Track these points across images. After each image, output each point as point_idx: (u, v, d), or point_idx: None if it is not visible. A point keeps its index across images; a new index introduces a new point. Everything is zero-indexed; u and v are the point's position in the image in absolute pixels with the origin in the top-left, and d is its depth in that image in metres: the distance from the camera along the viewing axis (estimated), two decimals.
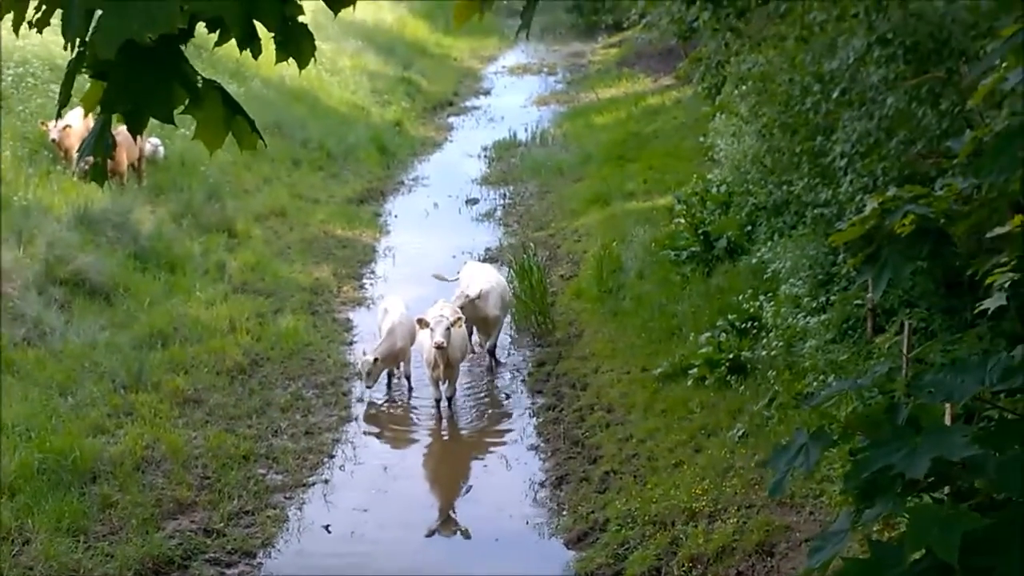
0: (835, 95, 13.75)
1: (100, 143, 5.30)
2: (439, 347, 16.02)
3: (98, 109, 5.16)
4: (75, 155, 22.29)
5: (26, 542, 12.18)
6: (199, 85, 5.13)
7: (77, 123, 22.29)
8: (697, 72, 20.03)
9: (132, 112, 5.00)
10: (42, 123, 22.32)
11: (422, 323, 16.46)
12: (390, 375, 17.86)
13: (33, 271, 18.24)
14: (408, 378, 17.83)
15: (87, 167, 21.88)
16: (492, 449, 15.84)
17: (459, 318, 16.60)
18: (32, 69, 25.04)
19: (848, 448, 5.40)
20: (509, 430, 16.34)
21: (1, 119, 22.83)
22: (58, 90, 16.47)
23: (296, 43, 5.34)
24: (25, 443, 13.90)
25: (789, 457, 5.33)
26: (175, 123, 4.96)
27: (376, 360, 17.06)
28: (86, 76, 5.11)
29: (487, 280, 18.27)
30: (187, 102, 5.10)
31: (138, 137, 20.99)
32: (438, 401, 16.81)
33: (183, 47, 5.12)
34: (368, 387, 17.21)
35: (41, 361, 16.38)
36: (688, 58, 21.20)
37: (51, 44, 25.46)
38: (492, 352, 18.44)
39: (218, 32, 5.08)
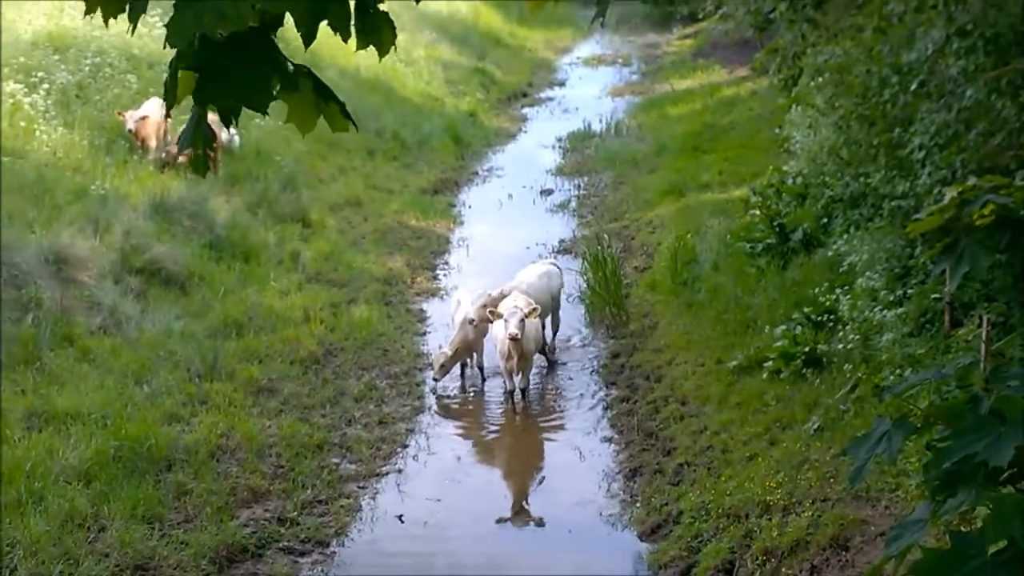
0: (913, 87, 13.59)
1: (199, 134, 5.33)
2: (514, 339, 16.00)
3: (179, 98, 5.19)
4: (152, 144, 22.55)
5: (101, 529, 12.25)
6: (291, 72, 5.15)
7: (154, 113, 22.51)
8: (773, 63, 19.82)
9: (225, 104, 5.03)
10: (119, 113, 22.52)
11: (496, 315, 16.44)
12: (463, 366, 17.85)
13: (109, 260, 18.41)
14: (481, 369, 17.82)
15: (166, 157, 22.13)
16: (565, 440, 15.79)
17: (534, 308, 16.54)
18: (109, 60, 25.28)
19: (925, 442, 5.33)
20: (582, 421, 16.27)
21: (79, 109, 23.10)
22: (134, 80, 16.65)
23: (377, 31, 5.37)
24: (101, 431, 13.98)
25: (870, 445, 5.26)
26: (269, 114, 4.97)
27: (453, 353, 17.10)
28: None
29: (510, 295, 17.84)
30: (279, 88, 5.12)
31: (216, 125, 21.28)
32: (511, 392, 16.78)
33: (273, 36, 5.15)
34: (436, 379, 17.22)
35: (117, 349, 16.52)
36: (764, 49, 21.03)
37: (127, 35, 25.65)
38: (481, 368, 18.06)
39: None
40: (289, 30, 5.20)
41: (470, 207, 27.69)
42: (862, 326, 14.28)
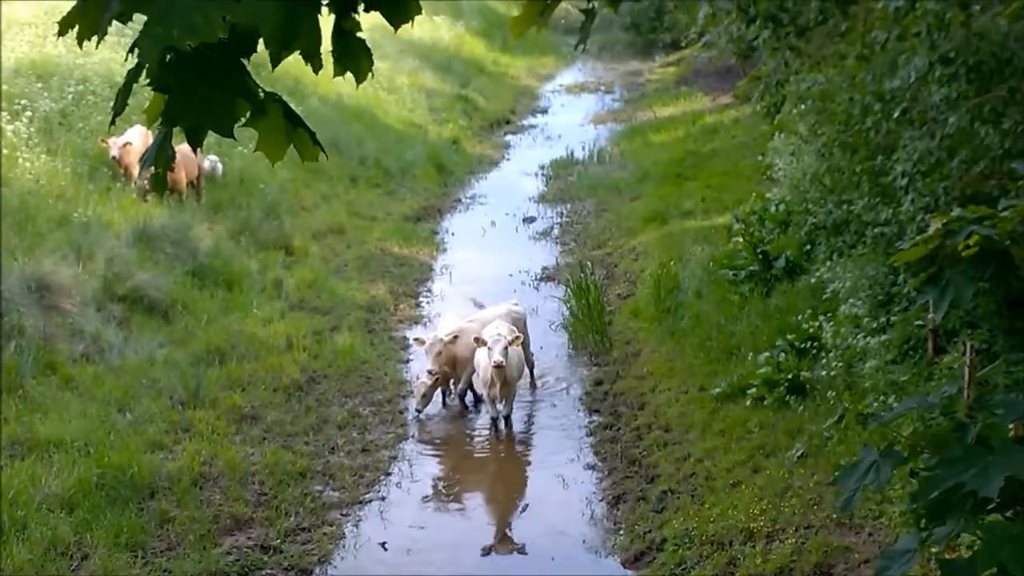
0: (896, 114, 13.66)
1: (161, 155, 5.36)
2: (498, 366, 15.98)
3: (159, 122, 5.21)
4: (135, 172, 22.52)
5: (84, 557, 12.23)
6: (261, 98, 5.17)
7: (137, 141, 22.51)
8: (756, 91, 19.91)
9: (193, 126, 5.05)
10: (102, 140, 22.51)
11: (479, 341, 16.42)
12: (444, 393, 17.83)
13: (92, 287, 18.37)
14: (462, 397, 17.78)
15: (147, 185, 22.10)
16: (549, 468, 15.73)
17: (517, 336, 16.54)
18: (92, 87, 25.27)
19: (908, 468, 5.35)
20: (566, 449, 16.23)
21: (62, 136, 23.08)
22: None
23: (354, 58, 5.40)
24: (84, 458, 13.96)
25: (859, 475, 5.29)
26: (235, 138, 4.98)
27: (435, 379, 17.06)
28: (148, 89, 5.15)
29: (467, 322, 17.94)
30: (248, 114, 5.14)
31: (198, 152, 21.19)
32: (495, 420, 16.75)
33: (246, 61, 5.17)
34: (418, 411, 17.19)
35: (100, 377, 16.49)
36: (747, 77, 21.10)
37: (111, 62, 25.72)
38: (461, 397, 17.99)
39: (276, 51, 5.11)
40: (265, 56, 5.23)
41: (453, 234, 27.69)
42: (845, 353, 14.34)
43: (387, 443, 16.40)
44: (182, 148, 19.52)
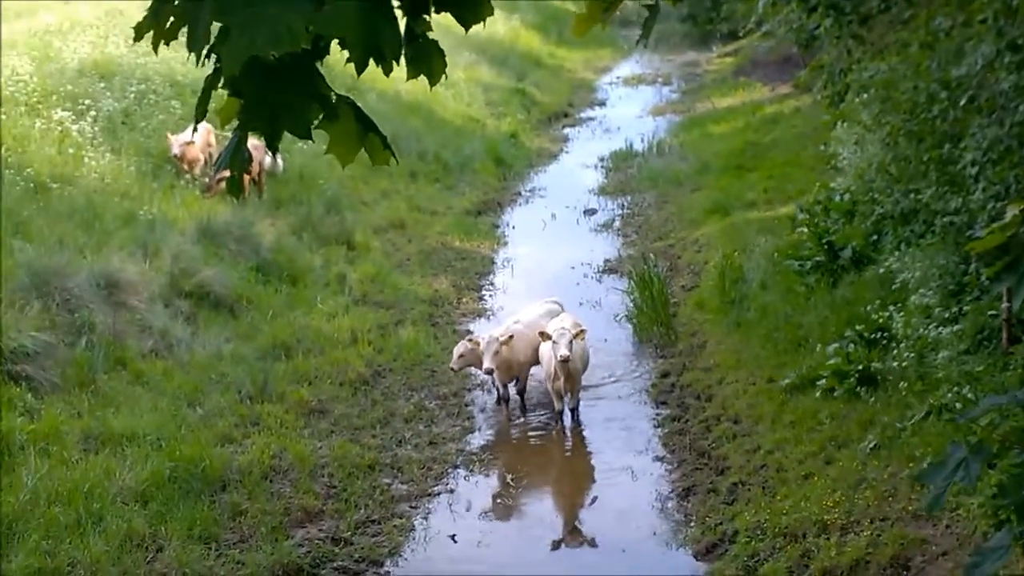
0: (963, 102, 13.51)
1: (237, 157, 5.40)
2: (564, 360, 15.93)
3: (222, 123, 5.24)
4: (196, 169, 22.75)
5: (159, 549, 12.35)
6: (333, 101, 5.19)
7: (199, 138, 22.72)
8: (819, 80, 19.72)
9: (269, 129, 5.07)
10: (168, 136, 22.68)
11: (544, 336, 16.36)
12: (498, 393, 17.70)
13: (159, 284, 18.55)
14: (522, 396, 17.60)
15: (210, 182, 22.27)
16: (617, 460, 15.72)
17: (582, 329, 16.46)
18: (154, 86, 25.56)
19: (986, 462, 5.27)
20: (633, 441, 16.20)
21: (125, 135, 23.29)
22: (178, 106, 16.81)
23: (427, 60, 5.41)
24: (156, 452, 14.10)
25: (947, 472, 5.23)
26: (313, 139, 5.00)
27: (475, 343, 17.02)
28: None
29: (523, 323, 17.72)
30: (320, 117, 5.16)
31: (260, 149, 21.31)
32: (560, 413, 16.72)
33: (319, 64, 5.19)
34: (453, 369, 17.26)
35: (169, 372, 16.65)
36: (808, 67, 20.93)
37: (172, 61, 25.94)
38: (520, 395, 17.73)
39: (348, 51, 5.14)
40: (332, 57, 5.25)
41: (514, 228, 27.70)
42: (916, 343, 14.19)
43: (454, 436, 16.44)
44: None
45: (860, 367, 14.71)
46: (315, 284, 21.16)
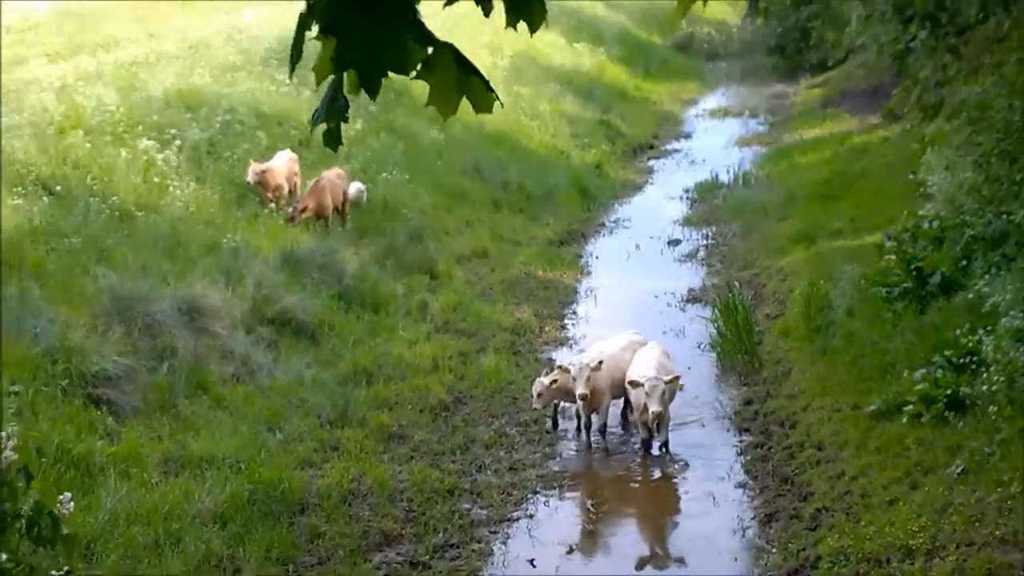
0: None
1: (333, 107, 5.25)
2: (656, 415, 15.73)
3: (318, 79, 5.13)
4: (285, 192, 22.99)
5: (236, 570, 12.37)
6: (432, 37, 5.04)
7: (283, 166, 22.94)
8: (910, 99, 19.38)
9: (364, 66, 4.93)
10: (252, 164, 22.89)
11: (634, 384, 16.04)
12: (584, 420, 17.47)
13: (241, 310, 18.69)
14: (603, 432, 17.25)
15: (293, 212, 22.42)
16: (698, 487, 15.53)
17: (675, 377, 16.17)
18: (239, 116, 25.85)
19: None
20: (716, 468, 15.99)
21: (210, 165, 23.52)
22: (263, 136, 16.87)
23: (527, 6, 5.24)
24: (235, 475, 14.17)
25: None
26: (408, 72, 4.87)
27: (554, 382, 16.87)
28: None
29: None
30: (420, 67, 5.01)
31: (343, 179, 21.40)
32: (645, 441, 16.49)
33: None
34: (536, 408, 17.08)
35: (250, 397, 16.74)
36: (900, 87, 20.57)
37: (256, 92, 26.19)
38: (602, 432, 17.33)
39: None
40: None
41: (597, 258, 27.56)
42: (1007, 367, 13.85)
43: (534, 462, 16.31)
44: (328, 175, 19.76)
45: (948, 392, 14.43)
46: (397, 312, 21.20)
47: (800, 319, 19.71)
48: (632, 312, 22.28)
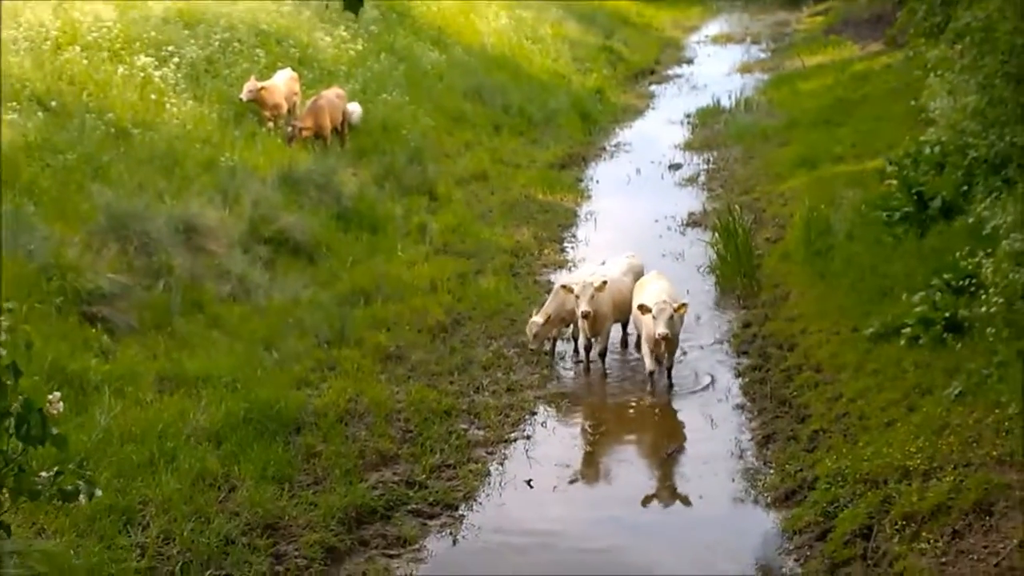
0: None
1: None
2: (664, 338, 15.49)
3: None
4: (283, 111, 22.89)
5: (232, 488, 12.28)
6: None
7: (279, 83, 22.84)
8: (920, 11, 18.98)
9: None
10: (254, 79, 22.74)
11: (643, 309, 15.92)
12: (583, 342, 17.39)
13: (238, 230, 18.63)
14: (603, 356, 17.15)
15: (292, 131, 22.30)
16: (696, 408, 15.53)
17: (682, 304, 15.97)
18: (238, 35, 25.65)
19: None
20: (714, 389, 16.02)
21: (208, 83, 23.35)
22: (262, 55, 16.75)
23: None
24: (231, 394, 14.06)
25: None
26: None
27: (544, 321, 16.84)
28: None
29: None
30: None
31: (342, 99, 21.31)
32: (651, 373, 16.17)
33: None
34: (532, 349, 17.04)
35: (246, 316, 16.68)
36: (905, 8, 20.25)
37: (256, 11, 25.94)
38: (602, 356, 17.22)
39: None
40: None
41: (597, 182, 27.51)
42: (1006, 290, 13.74)
43: (532, 384, 16.30)
44: (328, 95, 19.64)
45: (947, 315, 14.37)
46: (396, 233, 21.17)
47: (800, 243, 19.64)
48: (632, 236, 22.18)
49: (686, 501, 13.25)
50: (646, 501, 13.32)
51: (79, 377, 13.50)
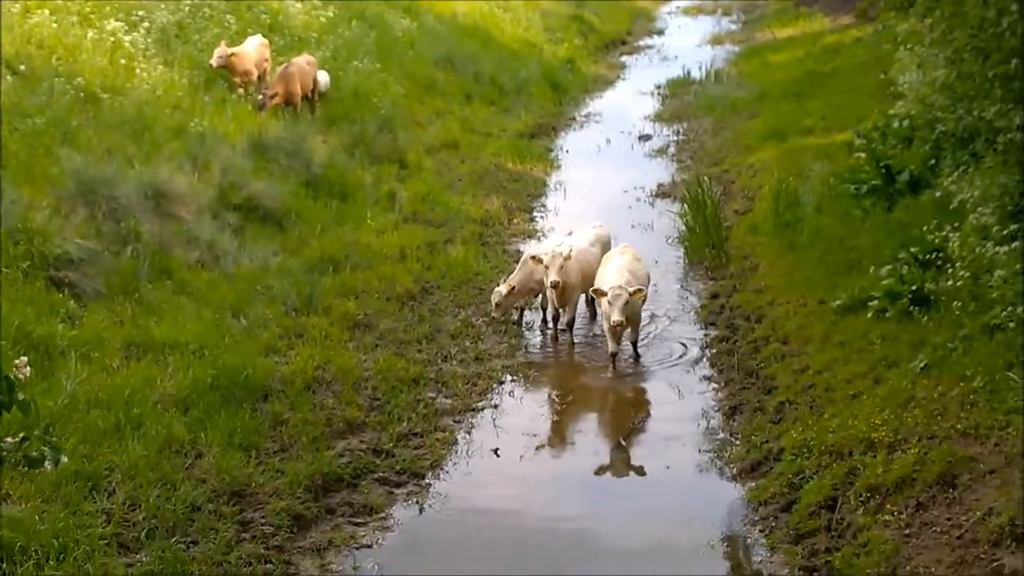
0: None
1: None
2: (618, 325, 15.39)
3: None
4: (254, 77, 22.78)
5: (198, 455, 12.25)
6: None
7: (250, 50, 22.71)
8: None
9: None
10: (225, 44, 22.62)
11: (599, 293, 15.89)
12: (551, 311, 17.47)
13: (208, 196, 18.57)
14: (570, 327, 17.13)
15: (263, 98, 22.19)
16: (664, 379, 15.58)
17: (639, 289, 15.65)
18: (208, 0, 25.39)
19: None
20: (681, 361, 16.08)
21: (179, 48, 23.20)
22: (233, 20, 16.63)
23: None
24: (198, 360, 14.00)
25: None
26: None
27: (508, 291, 16.86)
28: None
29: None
30: None
31: (312, 66, 21.20)
32: (614, 356, 15.92)
33: None
34: (495, 317, 17.06)
35: (214, 283, 16.61)
36: None
37: None
38: (569, 327, 17.22)
39: None
40: None
41: (567, 151, 27.55)
42: (972, 263, 13.82)
43: (500, 353, 16.33)
44: (299, 62, 19.52)
45: (913, 288, 14.42)
46: (365, 201, 21.12)
47: (768, 215, 19.70)
48: (601, 206, 22.22)
49: (651, 472, 13.25)
50: (603, 471, 13.43)
51: (45, 342, 13.42)
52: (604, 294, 15.51)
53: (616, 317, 15.26)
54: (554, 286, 16.29)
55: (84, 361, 13.41)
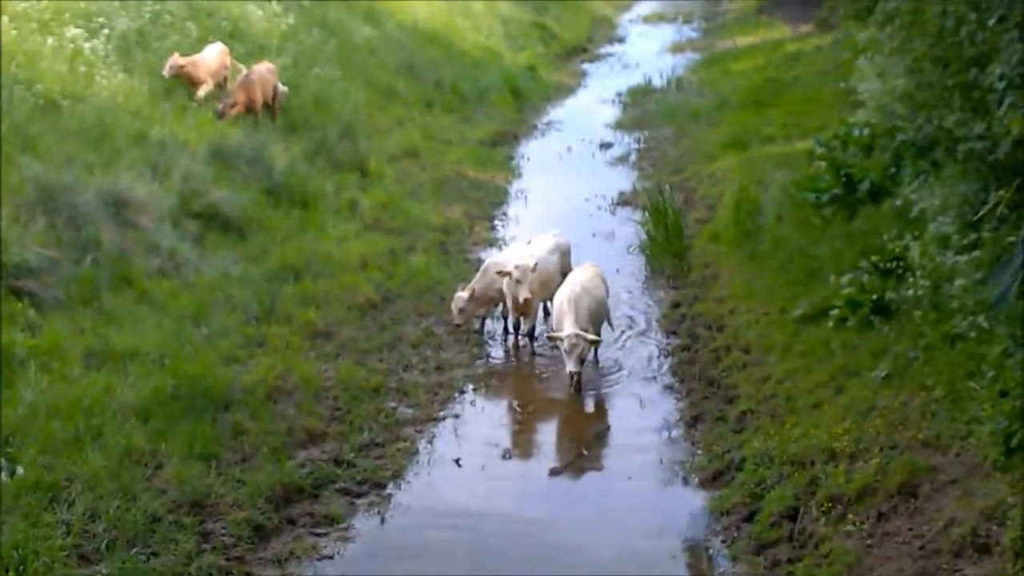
0: (992, 22, 13.12)
1: None
2: (574, 345, 15.25)
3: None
4: (207, 85, 22.66)
5: (159, 466, 12.17)
6: None
7: (209, 58, 22.64)
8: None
9: None
10: (177, 55, 22.48)
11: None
12: (511, 320, 17.49)
13: (168, 204, 18.39)
14: (531, 336, 17.20)
15: (223, 106, 22.08)
16: (625, 389, 15.60)
17: (596, 339, 15.60)
18: (169, 7, 25.37)
19: (999, 389, 5.03)
20: (643, 370, 16.07)
21: (139, 55, 23.07)
22: (193, 28, 16.55)
23: None
24: (158, 370, 13.90)
25: (1015, 269, 4.97)
26: None
27: (469, 296, 16.86)
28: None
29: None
30: None
31: (273, 73, 21.11)
32: (572, 375, 15.39)
33: None
34: (457, 324, 17.00)
35: (175, 291, 16.48)
36: None
37: None
38: (530, 336, 17.28)
39: None
40: None
41: (529, 159, 27.55)
42: (932, 273, 13.90)
43: (462, 362, 16.33)
44: (259, 69, 19.40)
45: (874, 297, 14.48)
46: (326, 209, 21.00)
47: (730, 224, 19.76)
48: (562, 214, 22.21)
49: (613, 482, 13.27)
50: (563, 477, 13.43)
51: (4, 352, 13.34)
52: (560, 339, 15.37)
53: (571, 368, 15.21)
54: (525, 303, 16.29)
55: (44, 370, 13.32)
